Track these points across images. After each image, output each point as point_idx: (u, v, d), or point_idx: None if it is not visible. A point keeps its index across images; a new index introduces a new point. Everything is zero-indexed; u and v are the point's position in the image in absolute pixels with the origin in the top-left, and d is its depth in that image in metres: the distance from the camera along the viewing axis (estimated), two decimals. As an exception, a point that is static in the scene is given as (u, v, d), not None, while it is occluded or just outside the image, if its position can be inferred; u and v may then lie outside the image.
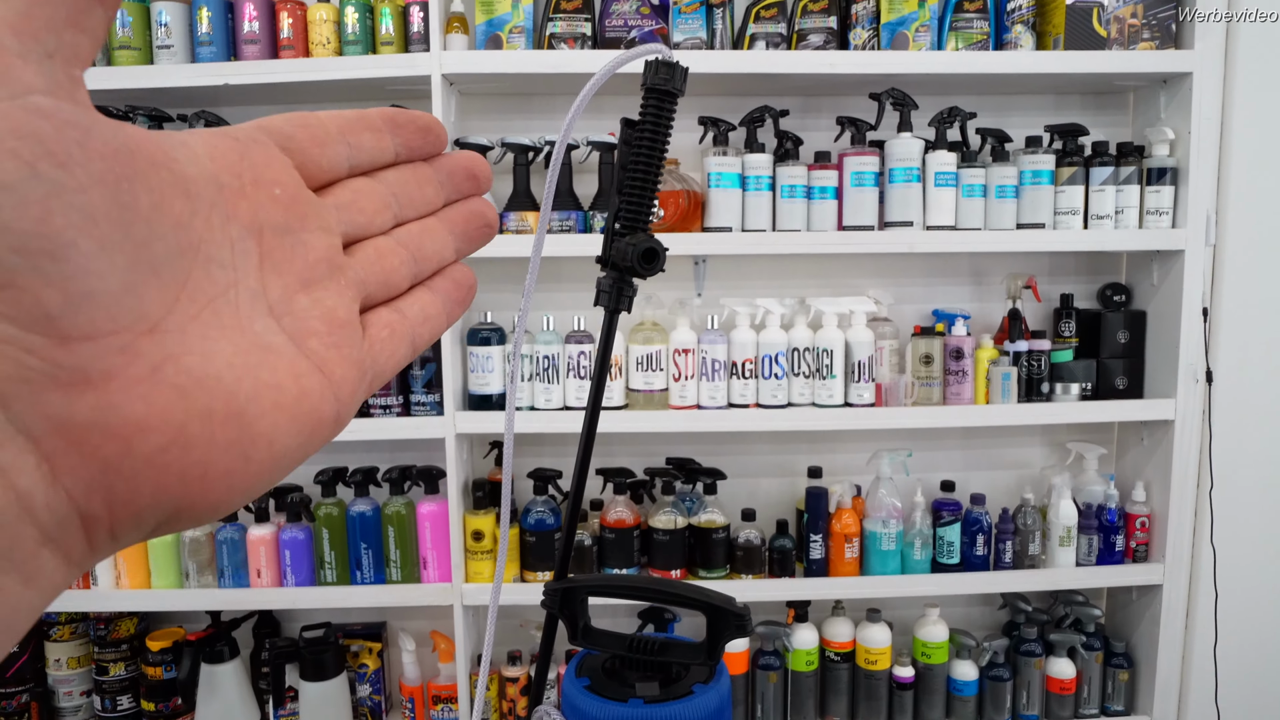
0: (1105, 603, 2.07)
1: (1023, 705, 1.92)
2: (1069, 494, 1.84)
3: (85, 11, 0.19)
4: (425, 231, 0.29)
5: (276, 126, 0.25)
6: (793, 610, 1.88)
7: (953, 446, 2.00)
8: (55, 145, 0.18)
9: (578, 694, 0.57)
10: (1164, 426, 1.81)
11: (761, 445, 1.96)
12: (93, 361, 0.18)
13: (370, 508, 1.78)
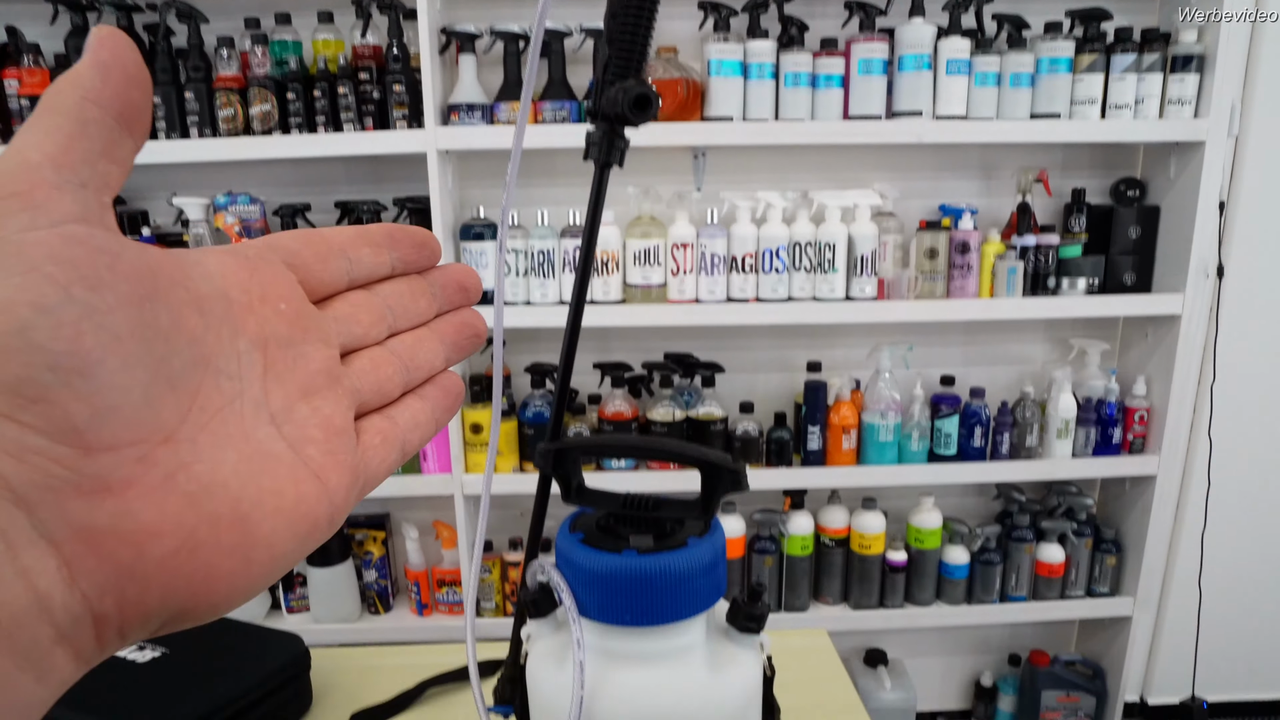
0: (1098, 493, 2.10)
1: (1011, 587, 1.97)
2: (1069, 388, 1.84)
3: (117, 144, 0.21)
4: (418, 342, 0.31)
5: (284, 244, 0.27)
6: (789, 498, 1.90)
7: (954, 342, 1.99)
8: (88, 270, 0.19)
9: (571, 547, 0.57)
10: (1170, 322, 1.80)
11: (760, 340, 1.96)
12: (113, 470, 0.20)
13: (370, 401, 1.78)
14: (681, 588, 0.55)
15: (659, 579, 0.55)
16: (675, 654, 0.57)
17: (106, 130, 0.21)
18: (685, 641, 0.57)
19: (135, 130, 0.22)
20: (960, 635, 2.26)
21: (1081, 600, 2.00)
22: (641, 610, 0.55)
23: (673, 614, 0.56)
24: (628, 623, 0.55)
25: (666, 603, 0.55)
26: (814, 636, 1.04)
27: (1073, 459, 1.87)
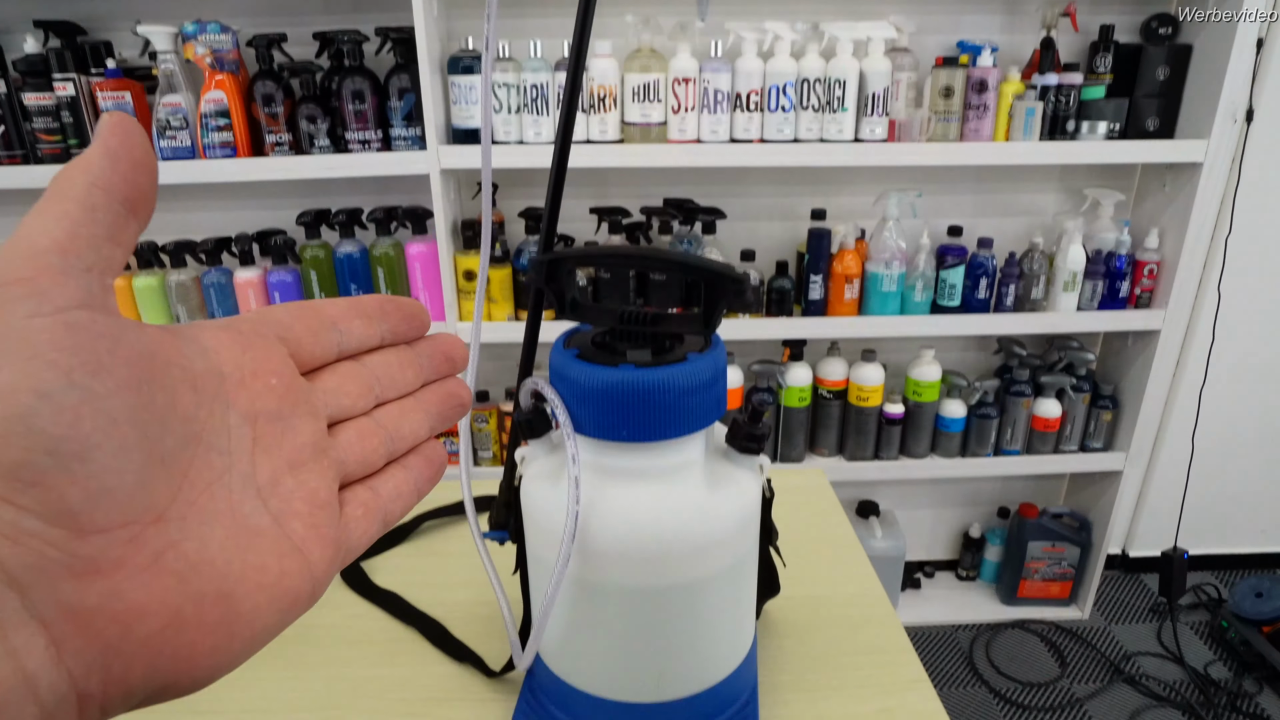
0: (1099, 349, 2.08)
1: (1006, 441, 1.98)
2: (1080, 239, 1.79)
3: (123, 228, 0.21)
4: (403, 413, 0.31)
5: (277, 318, 0.28)
6: (788, 349, 1.89)
7: (964, 190, 1.92)
8: (89, 355, 0.20)
9: (566, 363, 0.54)
10: (1190, 170, 1.73)
11: (764, 186, 1.89)
12: (105, 551, 0.20)
13: (357, 249, 1.74)
14: (680, 403, 0.53)
15: (657, 393, 0.52)
16: (673, 472, 0.55)
17: (113, 215, 0.21)
18: (683, 459, 0.55)
19: (140, 213, 0.22)
20: (952, 488, 2.30)
21: (1074, 455, 2.01)
22: (639, 426, 0.53)
23: (671, 430, 0.53)
24: (624, 439, 0.53)
25: (665, 418, 0.53)
26: (811, 476, 1.03)
27: (1077, 312, 1.84)
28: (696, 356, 0.53)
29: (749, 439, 0.57)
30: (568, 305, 0.57)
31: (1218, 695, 1.91)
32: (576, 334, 0.59)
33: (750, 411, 0.57)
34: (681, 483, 0.55)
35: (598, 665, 0.60)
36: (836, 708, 0.65)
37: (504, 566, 0.86)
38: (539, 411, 0.58)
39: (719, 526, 0.55)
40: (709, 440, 0.58)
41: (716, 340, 0.57)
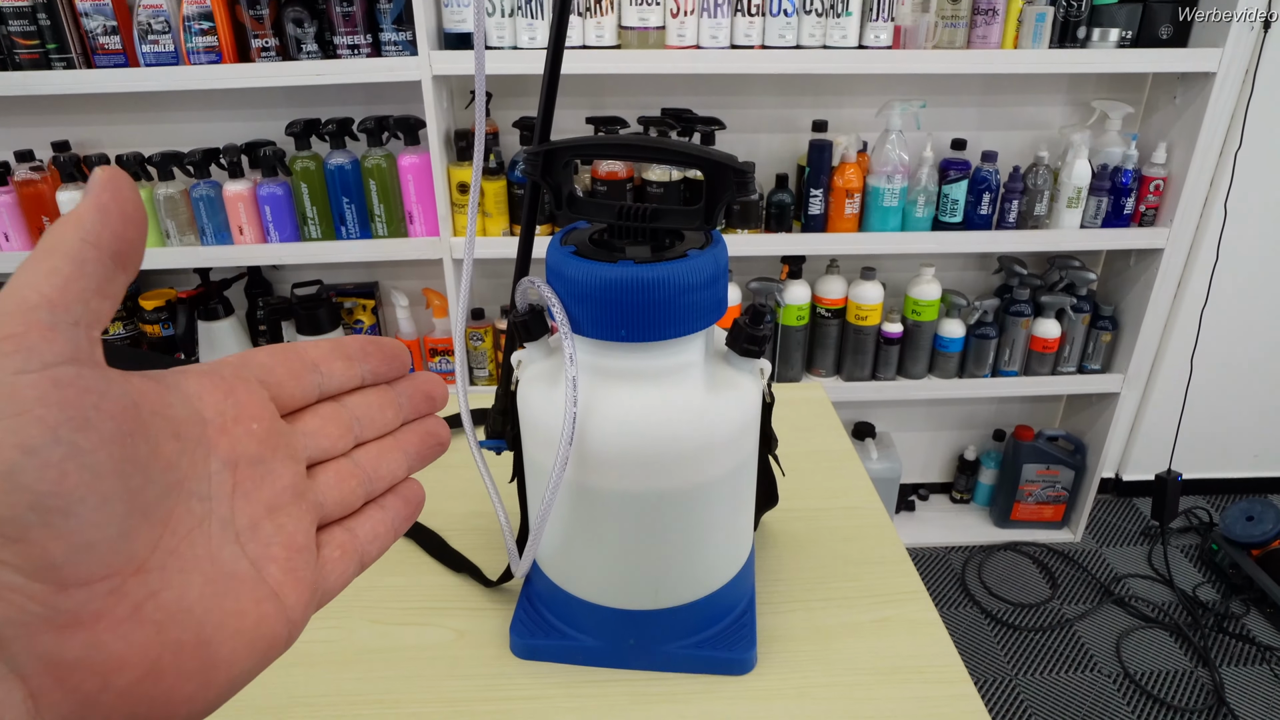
0: (1101, 268, 2.06)
1: (1004, 362, 1.97)
2: (1086, 153, 1.74)
3: (111, 281, 0.22)
4: (382, 453, 0.31)
5: (259, 361, 0.28)
6: (787, 266, 1.86)
7: (969, 102, 1.87)
8: (75, 411, 0.20)
9: (563, 261, 0.52)
10: (1202, 81, 1.68)
11: (764, 96, 1.83)
12: (86, 604, 0.20)
13: (349, 161, 1.69)
14: (680, 301, 0.51)
15: (656, 291, 0.50)
16: (672, 374, 0.53)
17: (102, 269, 0.21)
18: (683, 361, 0.53)
19: (128, 266, 0.22)
20: (948, 410, 2.30)
21: (1072, 376, 2.01)
22: (637, 325, 0.51)
23: (670, 329, 0.51)
24: (623, 338, 0.51)
25: (664, 317, 0.51)
26: (810, 389, 1.02)
27: (1080, 230, 1.81)
28: (697, 253, 0.51)
29: (750, 341, 0.55)
30: (565, 200, 0.55)
31: (1205, 617, 1.95)
32: (574, 231, 0.56)
33: (751, 313, 0.55)
34: (681, 385, 0.53)
35: (595, 572, 0.59)
36: (834, 618, 0.65)
37: (501, 476, 0.85)
38: (535, 312, 0.56)
39: (718, 430, 0.54)
40: (709, 342, 0.56)
41: (717, 237, 0.54)
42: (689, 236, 0.55)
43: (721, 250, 0.53)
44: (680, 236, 0.54)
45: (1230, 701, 1.72)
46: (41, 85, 1.58)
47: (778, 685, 0.59)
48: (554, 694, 0.59)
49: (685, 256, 0.51)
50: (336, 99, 1.80)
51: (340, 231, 1.75)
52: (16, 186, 1.71)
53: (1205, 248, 2.02)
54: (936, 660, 0.61)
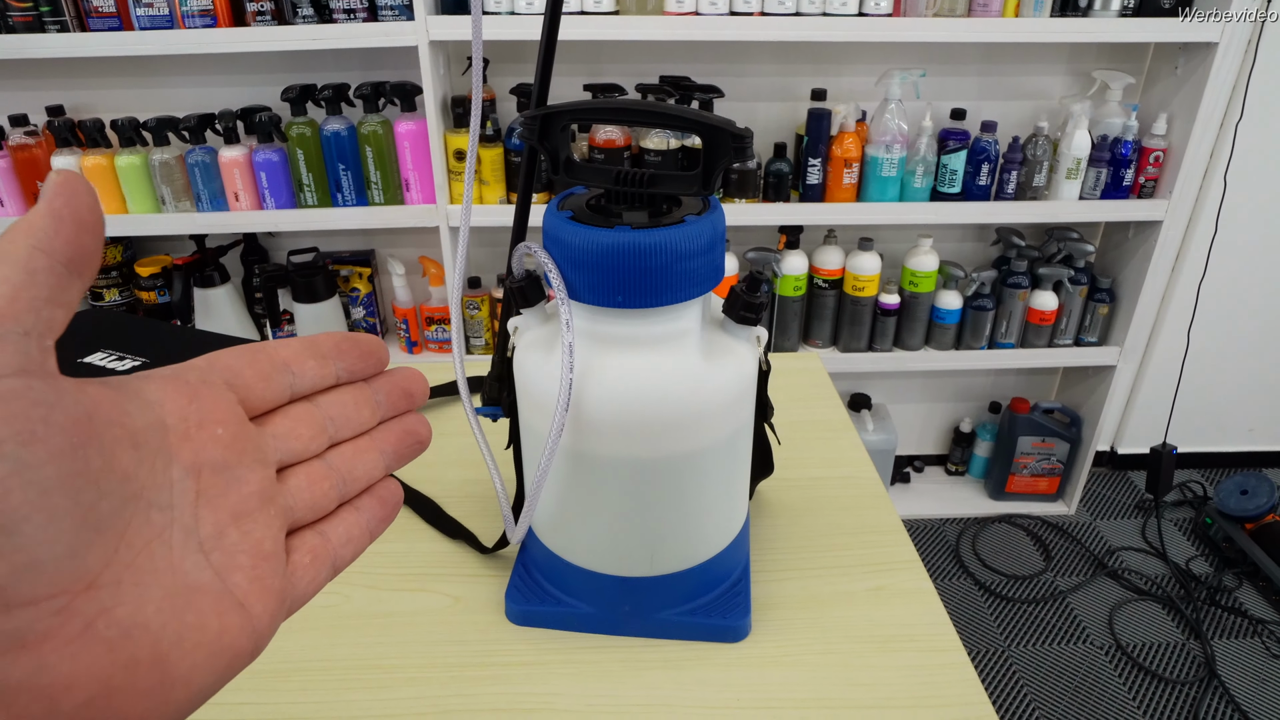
0: (1099, 240, 2.05)
1: (1000, 334, 1.97)
2: (1086, 124, 1.73)
3: (65, 289, 0.21)
4: (357, 453, 0.30)
5: (226, 363, 0.27)
6: (784, 236, 1.85)
7: (969, 72, 1.85)
8: (22, 425, 0.19)
9: (560, 225, 0.52)
10: (1205, 51, 1.66)
11: (763, 65, 1.81)
12: (31, 625, 0.19)
13: (345, 127, 1.67)
14: (677, 267, 0.50)
15: (653, 256, 0.50)
16: (668, 340, 0.53)
17: (55, 277, 0.21)
18: (679, 327, 0.53)
19: (85, 273, 0.22)
20: (945, 382, 2.30)
21: (1069, 349, 2.01)
22: (634, 291, 0.51)
23: (667, 296, 0.51)
24: (619, 304, 0.51)
25: (661, 283, 0.50)
26: (807, 359, 1.02)
27: (1079, 201, 1.80)
28: (694, 219, 0.51)
29: (746, 308, 0.55)
30: (562, 165, 0.54)
31: (1198, 589, 1.97)
32: (571, 196, 0.56)
33: (748, 280, 0.55)
34: (677, 352, 0.53)
35: (590, 539, 0.59)
36: (828, 586, 0.66)
37: (497, 443, 0.85)
38: (532, 278, 0.55)
39: (715, 397, 0.53)
40: (706, 310, 0.56)
41: (715, 203, 0.54)
42: (686, 202, 0.54)
43: (719, 216, 0.53)
44: (678, 202, 0.54)
45: (1221, 674, 1.74)
46: (35, 48, 1.56)
47: (772, 653, 0.59)
48: (549, 660, 0.60)
49: (682, 222, 0.51)
50: (333, 64, 1.78)
51: (336, 199, 1.73)
52: (11, 151, 1.69)
53: (1204, 220, 2.01)
54: (930, 629, 0.61)
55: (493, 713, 0.55)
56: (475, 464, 0.83)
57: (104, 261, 1.88)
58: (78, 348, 0.85)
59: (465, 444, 0.86)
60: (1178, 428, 2.29)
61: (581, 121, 0.53)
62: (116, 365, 0.82)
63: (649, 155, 1.63)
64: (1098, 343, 2.01)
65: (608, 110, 0.51)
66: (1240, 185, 1.96)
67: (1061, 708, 1.67)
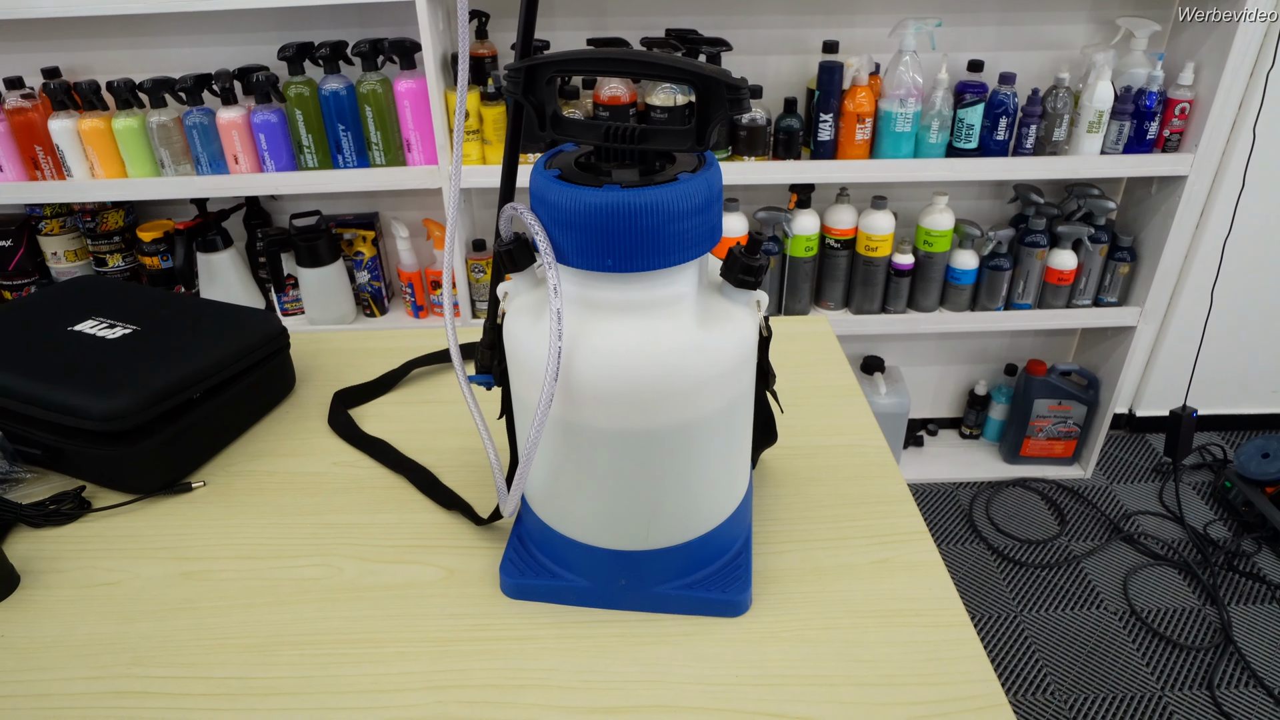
0: (1120, 197, 2.00)
1: (1018, 294, 1.93)
2: (1109, 75, 1.67)
3: None
4: None
5: None
6: (795, 195, 1.81)
7: (988, 20, 1.79)
8: None
9: (546, 185, 0.49)
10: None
11: (773, 16, 1.75)
12: None
13: (343, 86, 1.64)
14: (670, 228, 0.47)
15: (645, 216, 0.47)
16: (663, 305, 0.50)
17: None
18: (674, 292, 0.50)
19: None
20: (960, 343, 2.26)
21: (1087, 309, 1.96)
22: (625, 254, 0.48)
23: (660, 259, 0.48)
24: (610, 268, 0.48)
25: (653, 245, 0.48)
26: (815, 323, 0.99)
27: (1101, 156, 1.74)
28: (688, 177, 0.48)
29: (745, 271, 0.52)
30: (549, 120, 0.51)
31: (1215, 554, 1.94)
32: (559, 154, 0.53)
33: (748, 242, 0.52)
34: (672, 318, 0.50)
35: (585, 512, 0.57)
36: (832, 558, 0.63)
37: (491, 412, 0.83)
38: (521, 241, 0.53)
39: (711, 366, 0.51)
40: (702, 273, 0.53)
41: (711, 160, 0.51)
42: (681, 159, 0.51)
43: (715, 174, 0.50)
44: (671, 159, 0.51)
45: (1238, 639, 1.72)
46: (29, 8, 1.53)
47: (772, 627, 0.57)
48: (544, 634, 0.58)
49: (675, 180, 0.48)
50: (329, 21, 1.73)
51: (337, 160, 1.70)
52: (7, 115, 1.67)
53: (1231, 175, 1.95)
54: (936, 603, 0.59)
55: (486, 688, 0.54)
56: (472, 433, 0.81)
57: (106, 226, 1.87)
58: (68, 316, 0.84)
59: (462, 412, 0.84)
60: (1198, 389, 2.25)
61: (567, 73, 0.50)
62: (106, 333, 0.80)
63: (655, 112, 1.58)
64: (1117, 303, 1.97)
65: (596, 61, 0.48)
66: (1270, 138, 1.89)
67: (1074, 673, 1.65)
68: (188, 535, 0.68)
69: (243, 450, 0.79)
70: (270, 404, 0.86)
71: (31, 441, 0.74)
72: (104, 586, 0.63)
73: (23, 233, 1.84)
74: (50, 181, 1.72)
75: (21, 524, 0.70)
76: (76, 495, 0.72)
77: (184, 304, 0.89)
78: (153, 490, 0.73)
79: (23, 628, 0.59)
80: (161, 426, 0.73)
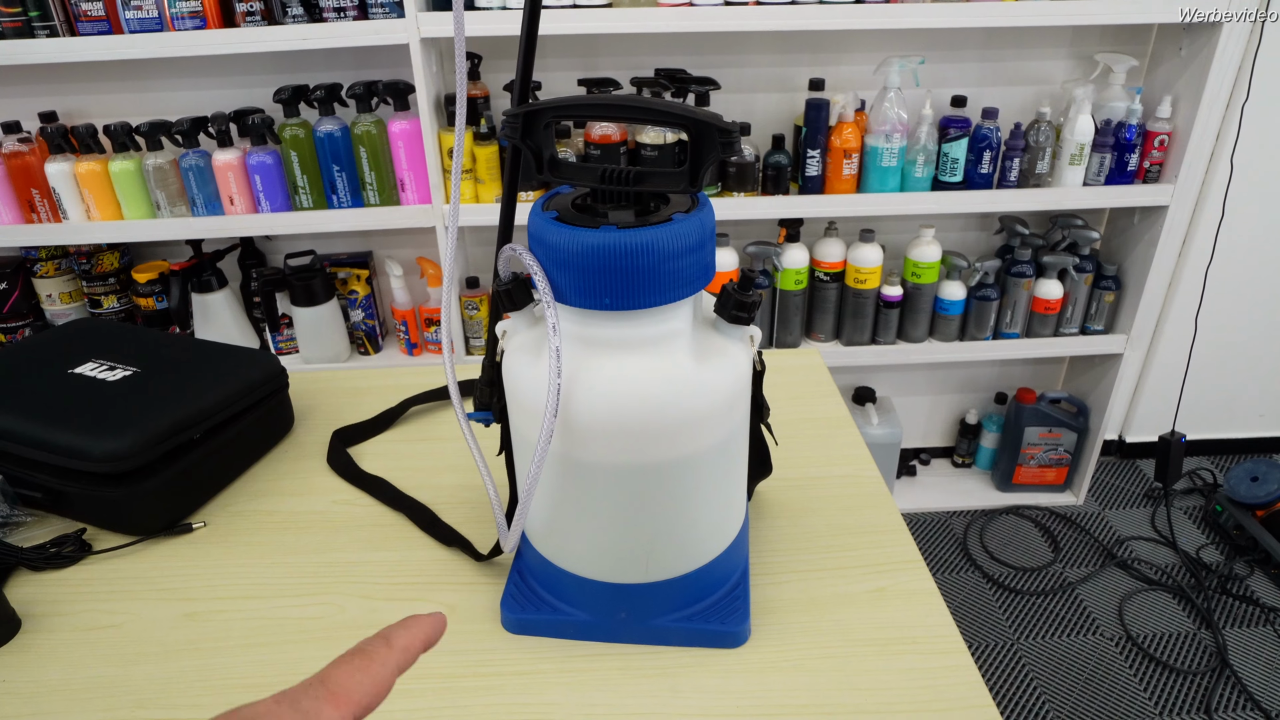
0: (1104, 227, 2.03)
1: (1005, 324, 1.95)
2: (1089, 108, 1.71)
3: None
4: None
5: None
6: (784, 229, 1.83)
7: (970, 57, 1.83)
8: None
9: (544, 226, 0.50)
10: (1208, 32, 1.64)
11: (760, 55, 1.79)
12: None
13: (338, 127, 1.66)
14: (664, 267, 0.49)
15: (641, 256, 0.48)
16: (659, 342, 0.52)
17: None
18: (669, 329, 0.52)
19: None
20: (950, 373, 2.28)
21: (1075, 337, 1.99)
22: (621, 292, 0.49)
23: (656, 296, 0.50)
24: (607, 307, 0.49)
25: (648, 284, 0.49)
26: (806, 356, 1.00)
27: (1083, 188, 1.77)
28: (682, 218, 0.49)
29: (739, 308, 0.53)
30: (546, 163, 0.53)
31: (1208, 578, 1.94)
32: (557, 196, 0.54)
33: (740, 278, 0.53)
34: (668, 354, 0.52)
35: (585, 546, 0.58)
36: (829, 588, 0.64)
37: (490, 448, 0.84)
38: (519, 280, 0.54)
39: (707, 400, 0.52)
40: (697, 309, 0.55)
41: (704, 201, 0.52)
42: (674, 200, 0.53)
43: (708, 214, 0.51)
44: (665, 200, 0.53)
45: (1233, 663, 1.72)
46: (26, 54, 1.55)
47: (771, 658, 0.58)
48: (545, 668, 0.59)
49: (670, 221, 0.49)
50: (324, 64, 1.76)
51: (332, 200, 1.72)
52: (4, 159, 1.68)
53: (1210, 204, 1.99)
54: (932, 630, 0.60)
55: (487, 725, 0.54)
56: (470, 469, 0.81)
57: (101, 268, 1.88)
58: (69, 358, 0.84)
59: (460, 449, 0.85)
60: (1186, 415, 2.27)
61: (565, 118, 0.52)
62: (107, 375, 0.81)
63: (645, 150, 1.61)
64: (1104, 331, 1.99)
65: (592, 106, 0.50)
66: (1247, 168, 1.93)
67: (1072, 700, 1.65)
68: (189, 576, 0.68)
69: (243, 490, 0.80)
70: (270, 444, 0.87)
71: (32, 484, 0.75)
72: (106, 629, 0.63)
73: (18, 275, 1.84)
74: (46, 224, 1.73)
75: (22, 567, 0.70)
76: (77, 538, 0.72)
77: (184, 345, 0.89)
78: (154, 531, 0.73)
79: (25, 672, 0.60)
80: (162, 468, 0.73)
